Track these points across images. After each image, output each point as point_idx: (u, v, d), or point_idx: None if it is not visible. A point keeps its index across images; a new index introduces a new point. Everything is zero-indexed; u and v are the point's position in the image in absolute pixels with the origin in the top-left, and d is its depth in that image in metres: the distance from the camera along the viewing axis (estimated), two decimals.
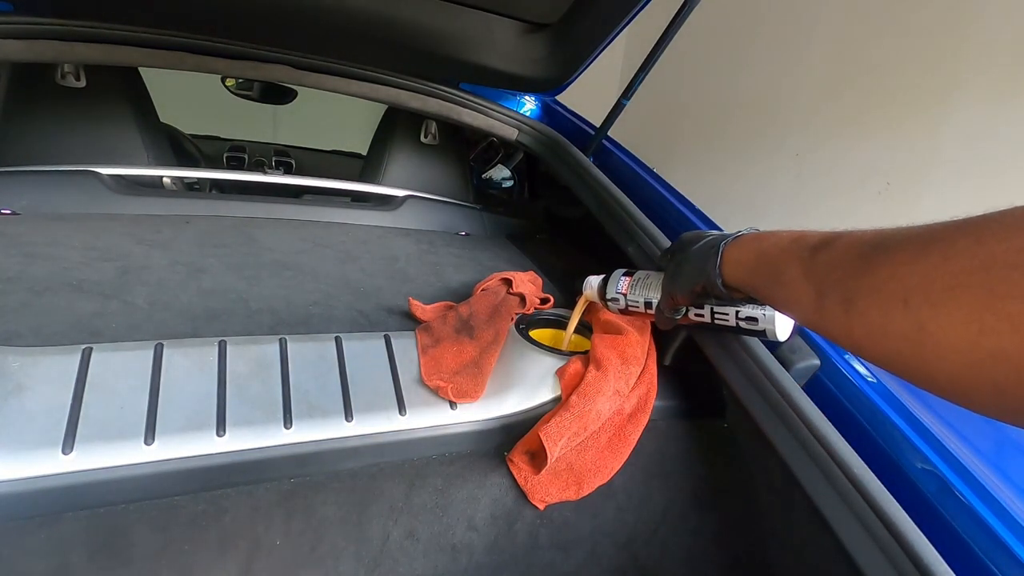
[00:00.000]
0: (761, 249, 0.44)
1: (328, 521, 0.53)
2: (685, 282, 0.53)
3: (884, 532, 0.46)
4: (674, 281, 0.55)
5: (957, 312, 0.26)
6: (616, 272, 0.66)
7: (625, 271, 0.65)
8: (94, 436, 0.46)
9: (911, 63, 1.91)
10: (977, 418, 0.61)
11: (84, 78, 0.91)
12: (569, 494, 0.61)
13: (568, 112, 1.22)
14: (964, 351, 0.25)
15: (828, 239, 0.37)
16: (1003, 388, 0.24)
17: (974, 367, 0.25)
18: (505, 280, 0.77)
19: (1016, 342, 0.23)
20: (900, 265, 0.29)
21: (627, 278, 0.64)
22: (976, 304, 0.25)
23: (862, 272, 0.32)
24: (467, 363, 0.63)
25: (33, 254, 0.64)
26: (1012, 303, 0.23)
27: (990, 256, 0.25)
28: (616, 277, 0.65)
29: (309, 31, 0.88)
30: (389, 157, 1.15)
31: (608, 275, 0.67)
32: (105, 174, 0.85)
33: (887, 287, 0.30)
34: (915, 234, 0.30)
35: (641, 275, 0.63)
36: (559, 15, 0.93)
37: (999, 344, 0.24)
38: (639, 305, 0.62)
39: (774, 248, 0.42)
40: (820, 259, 0.37)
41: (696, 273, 0.51)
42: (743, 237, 0.48)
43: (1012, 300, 0.24)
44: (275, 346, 0.57)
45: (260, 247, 0.80)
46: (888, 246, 0.31)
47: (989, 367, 0.25)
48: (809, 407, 0.55)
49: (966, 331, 0.25)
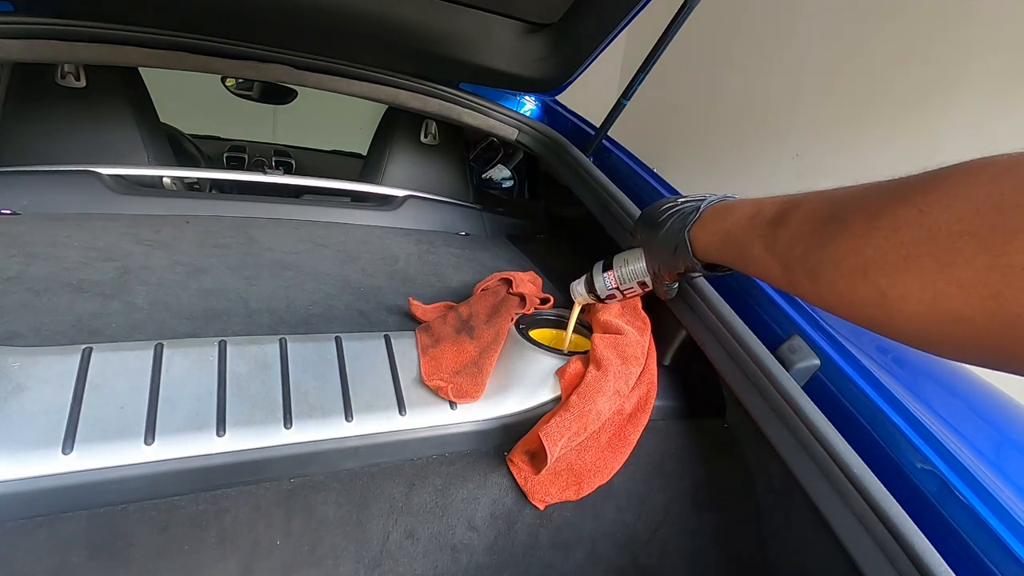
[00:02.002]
0: (724, 229, 0.45)
1: (328, 521, 0.53)
2: (667, 266, 0.56)
3: (884, 532, 0.46)
4: (657, 263, 0.58)
5: (912, 281, 0.28)
6: (595, 269, 0.67)
7: (601, 264, 0.66)
8: (94, 436, 0.46)
9: (911, 63, 1.91)
10: (977, 418, 0.61)
11: (84, 78, 0.91)
12: (569, 494, 0.61)
13: (568, 112, 1.22)
14: (923, 314, 0.27)
15: (783, 212, 0.39)
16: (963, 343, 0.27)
17: (935, 326, 0.27)
18: (505, 280, 0.77)
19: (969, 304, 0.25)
20: (855, 238, 0.31)
21: (610, 272, 0.65)
22: (927, 273, 0.27)
23: (820, 246, 0.33)
24: (467, 363, 0.63)
25: (33, 254, 0.64)
26: (959, 270, 0.25)
27: (935, 226, 0.27)
28: (598, 275, 0.66)
29: (309, 31, 0.88)
30: (389, 157, 1.15)
31: (588, 275, 0.67)
32: (105, 174, 0.85)
33: (846, 260, 0.31)
34: (863, 201, 0.32)
35: (620, 261, 0.64)
36: (559, 15, 0.93)
37: (952, 307, 0.26)
38: (634, 288, 0.64)
39: (735, 227, 0.44)
40: (780, 236, 0.38)
41: (673, 258, 0.53)
42: (704, 217, 0.49)
43: (958, 267, 0.25)
44: (275, 346, 0.57)
45: (260, 247, 0.80)
46: (840, 217, 0.33)
47: (948, 327, 0.27)
48: (809, 407, 0.55)
49: (922, 297, 0.27)
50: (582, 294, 0.69)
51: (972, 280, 0.25)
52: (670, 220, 0.53)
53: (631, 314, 0.73)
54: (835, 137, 2.13)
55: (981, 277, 0.25)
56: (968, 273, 0.25)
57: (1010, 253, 0.24)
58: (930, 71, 1.86)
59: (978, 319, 0.25)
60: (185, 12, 0.82)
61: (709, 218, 0.48)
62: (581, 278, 0.69)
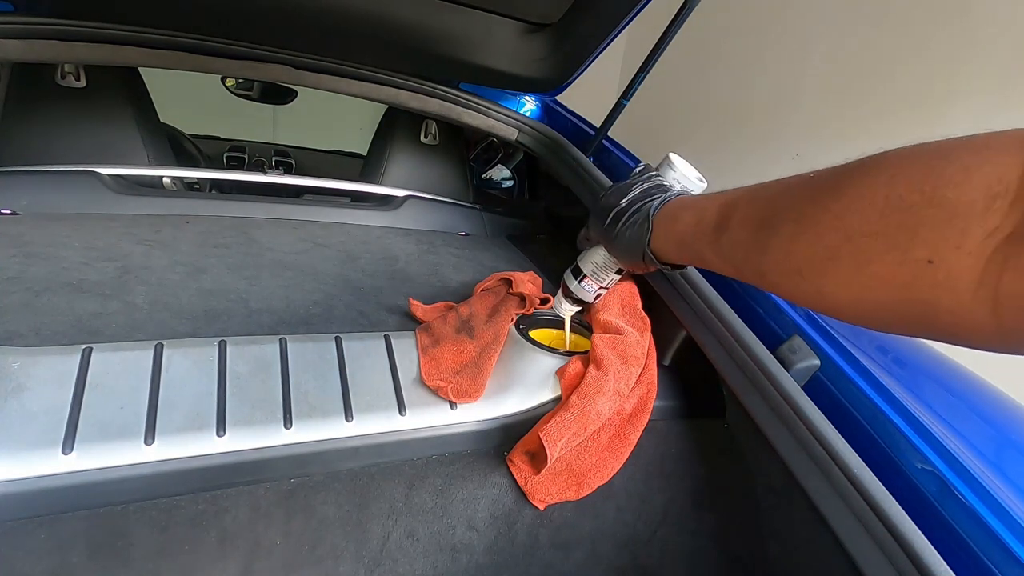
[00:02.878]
0: (677, 238, 0.48)
1: (328, 521, 0.53)
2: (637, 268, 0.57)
3: (884, 532, 0.46)
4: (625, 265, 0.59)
5: (839, 278, 0.31)
6: (570, 285, 0.66)
7: (572, 277, 0.66)
8: (94, 436, 0.46)
9: (911, 63, 1.91)
10: (977, 418, 0.61)
11: (84, 78, 0.91)
12: (569, 494, 0.61)
13: (568, 112, 1.21)
14: (854, 303, 0.31)
15: (723, 217, 0.42)
16: (889, 323, 0.31)
17: (865, 312, 0.31)
18: (505, 280, 0.77)
19: (887, 294, 0.29)
20: (786, 243, 0.35)
21: (586, 279, 0.65)
22: (850, 270, 0.30)
23: (760, 252, 0.37)
24: (467, 363, 0.63)
25: (33, 254, 0.64)
26: (874, 266, 0.29)
27: (849, 229, 0.30)
28: (577, 287, 0.65)
29: (309, 31, 0.88)
30: (389, 157, 1.15)
31: (565, 291, 0.67)
32: (105, 174, 0.85)
33: (784, 263, 0.35)
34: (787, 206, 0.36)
35: (590, 266, 0.64)
36: (559, 15, 0.93)
37: (875, 296, 0.30)
38: (614, 279, 0.65)
39: (685, 236, 0.47)
40: (724, 242, 0.42)
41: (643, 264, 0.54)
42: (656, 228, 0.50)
43: (874, 264, 0.29)
44: (275, 346, 0.57)
45: (260, 247, 0.80)
46: (771, 223, 0.37)
47: (875, 312, 0.31)
48: (809, 407, 0.55)
49: (850, 291, 0.31)
50: (571, 309, 0.69)
51: (887, 274, 0.29)
52: (627, 231, 0.53)
53: (631, 314, 0.73)
54: (835, 137, 2.13)
55: (893, 271, 0.28)
56: (882, 268, 0.29)
57: (914, 248, 0.27)
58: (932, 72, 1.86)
59: (896, 305, 0.29)
60: (185, 12, 0.82)
61: (660, 228, 0.50)
62: (560, 297, 0.69)
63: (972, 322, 0.26)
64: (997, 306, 0.25)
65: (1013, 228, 0.24)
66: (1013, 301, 0.24)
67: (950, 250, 0.26)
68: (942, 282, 0.26)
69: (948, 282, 0.26)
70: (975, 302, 0.25)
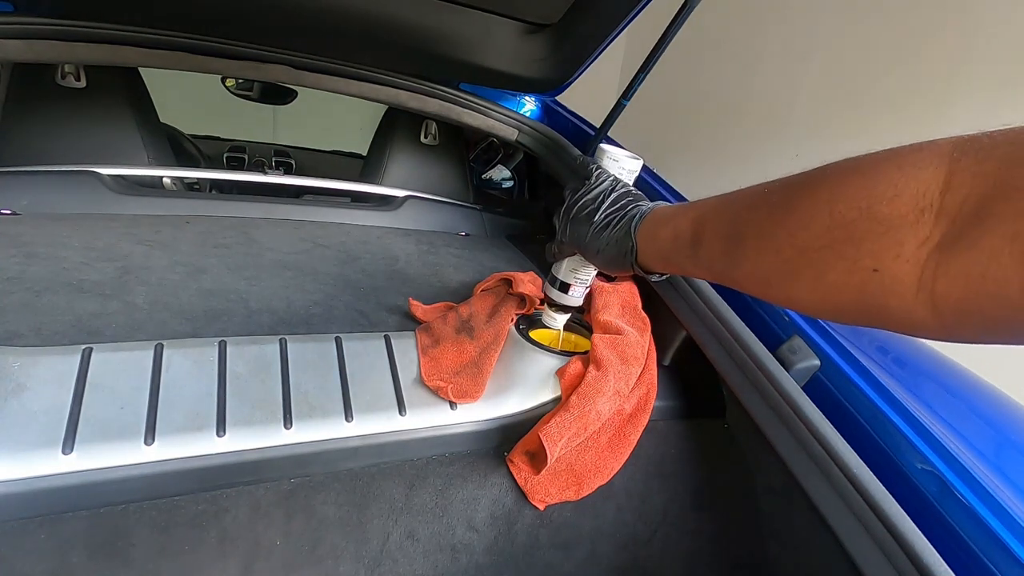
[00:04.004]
0: (660, 253, 0.49)
1: (328, 521, 0.53)
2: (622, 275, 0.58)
3: (884, 532, 0.46)
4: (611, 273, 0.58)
5: (802, 287, 0.34)
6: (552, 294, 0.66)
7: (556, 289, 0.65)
8: (94, 436, 0.46)
9: (912, 63, 1.91)
10: (977, 418, 0.61)
11: (84, 78, 0.91)
12: (569, 494, 0.61)
13: (568, 112, 1.22)
14: (819, 307, 0.34)
15: (696, 232, 0.44)
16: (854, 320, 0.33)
17: (829, 315, 0.35)
18: (505, 280, 0.77)
19: (845, 298, 0.32)
20: (753, 257, 0.38)
21: (570, 287, 0.64)
22: (810, 280, 0.33)
23: (732, 265, 0.40)
24: (467, 363, 0.63)
25: (33, 254, 0.64)
26: (830, 276, 0.32)
27: (803, 244, 0.33)
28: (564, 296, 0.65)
29: (309, 31, 0.88)
30: (389, 157, 1.15)
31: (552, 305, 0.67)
32: (105, 174, 0.85)
33: (754, 274, 0.38)
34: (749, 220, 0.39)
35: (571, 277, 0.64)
36: (559, 15, 0.93)
37: (835, 301, 0.32)
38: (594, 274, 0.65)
39: (667, 250, 0.49)
40: (701, 256, 0.44)
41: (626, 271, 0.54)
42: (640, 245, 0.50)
43: (829, 274, 0.32)
44: (275, 346, 0.58)
45: (260, 247, 0.80)
46: (738, 238, 0.39)
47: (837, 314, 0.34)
48: (809, 407, 0.55)
49: (812, 297, 0.34)
50: (563, 318, 0.69)
51: (841, 282, 0.31)
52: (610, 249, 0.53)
53: (631, 314, 0.73)
54: (835, 137, 2.13)
55: (846, 279, 0.31)
56: (836, 277, 0.31)
57: (860, 258, 0.30)
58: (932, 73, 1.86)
59: (855, 307, 0.32)
60: (185, 12, 0.82)
61: (642, 244, 0.51)
62: (549, 312, 0.69)
63: (918, 320, 0.29)
64: (935, 307, 0.27)
65: (940, 237, 0.27)
66: (948, 303, 0.27)
67: (891, 259, 0.29)
68: (888, 287, 0.29)
69: (893, 287, 0.29)
70: (917, 304, 0.28)
